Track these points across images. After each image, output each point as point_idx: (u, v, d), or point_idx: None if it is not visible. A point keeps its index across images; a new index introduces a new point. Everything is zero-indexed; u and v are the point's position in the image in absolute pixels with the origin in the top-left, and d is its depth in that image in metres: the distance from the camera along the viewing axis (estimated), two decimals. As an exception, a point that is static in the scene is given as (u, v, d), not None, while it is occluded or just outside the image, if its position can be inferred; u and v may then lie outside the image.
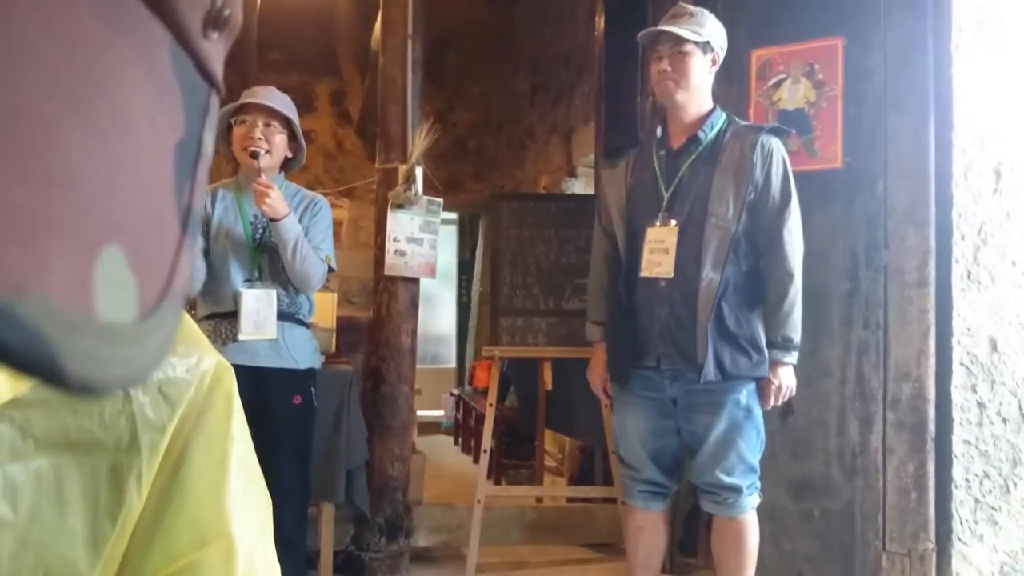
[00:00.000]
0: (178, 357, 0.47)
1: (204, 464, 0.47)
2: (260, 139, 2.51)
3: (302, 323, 2.64)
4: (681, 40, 2.27)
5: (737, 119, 2.40)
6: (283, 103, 2.57)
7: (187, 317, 0.50)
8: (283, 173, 2.66)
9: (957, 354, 2.57)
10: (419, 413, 4.50)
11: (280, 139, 2.56)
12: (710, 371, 2.21)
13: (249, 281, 2.54)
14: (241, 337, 2.48)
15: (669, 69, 2.29)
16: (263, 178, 2.46)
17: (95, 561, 0.43)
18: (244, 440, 0.49)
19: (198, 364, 0.48)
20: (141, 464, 0.44)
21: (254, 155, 2.48)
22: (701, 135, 2.32)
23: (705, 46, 2.30)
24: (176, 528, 0.46)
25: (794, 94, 2.74)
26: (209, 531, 0.46)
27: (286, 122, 2.57)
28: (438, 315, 8.14)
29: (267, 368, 2.51)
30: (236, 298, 2.49)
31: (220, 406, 0.48)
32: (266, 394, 2.50)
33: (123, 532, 0.44)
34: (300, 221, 2.56)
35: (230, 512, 0.47)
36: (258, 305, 2.50)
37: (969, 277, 2.58)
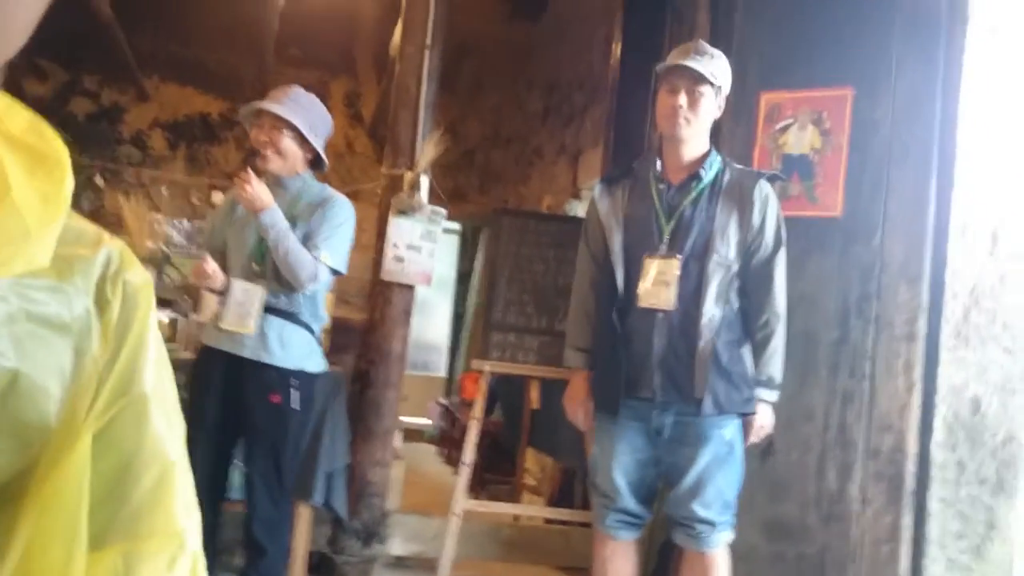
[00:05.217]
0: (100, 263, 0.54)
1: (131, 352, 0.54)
2: (266, 141, 2.58)
3: (301, 323, 2.63)
4: (701, 79, 2.29)
5: (732, 162, 2.43)
6: (296, 108, 2.60)
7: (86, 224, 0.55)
8: (311, 172, 2.70)
9: (940, 411, 2.58)
10: (405, 420, 4.50)
11: (289, 143, 2.60)
12: (708, 405, 2.23)
13: (248, 277, 2.58)
14: (222, 325, 2.53)
15: (684, 105, 2.30)
16: (250, 173, 2.51)
17: (60, 414, 0.51)
18: (159, 348, 0.56)
19: (119, 273, 0.54)
20: (93, 348, 0.52)
21: (253, 153, 2.58)
22: (702, 173, 2.34)
23: (719, 90, 2.33)
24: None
25: (800, 140, 2.76)
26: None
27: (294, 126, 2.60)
28: (433, 323, 8.14)
29: (246, 359, 2.52)
30: (227, 287, 2.55)
31: (141, 311, 0.55)
32: (243, 385, 2.52)
33: (84, 392, 0.51)
34: (312, 216, 2.59)
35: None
36: (244, 298, 2.54)
37: (958, 336, 2.59)
